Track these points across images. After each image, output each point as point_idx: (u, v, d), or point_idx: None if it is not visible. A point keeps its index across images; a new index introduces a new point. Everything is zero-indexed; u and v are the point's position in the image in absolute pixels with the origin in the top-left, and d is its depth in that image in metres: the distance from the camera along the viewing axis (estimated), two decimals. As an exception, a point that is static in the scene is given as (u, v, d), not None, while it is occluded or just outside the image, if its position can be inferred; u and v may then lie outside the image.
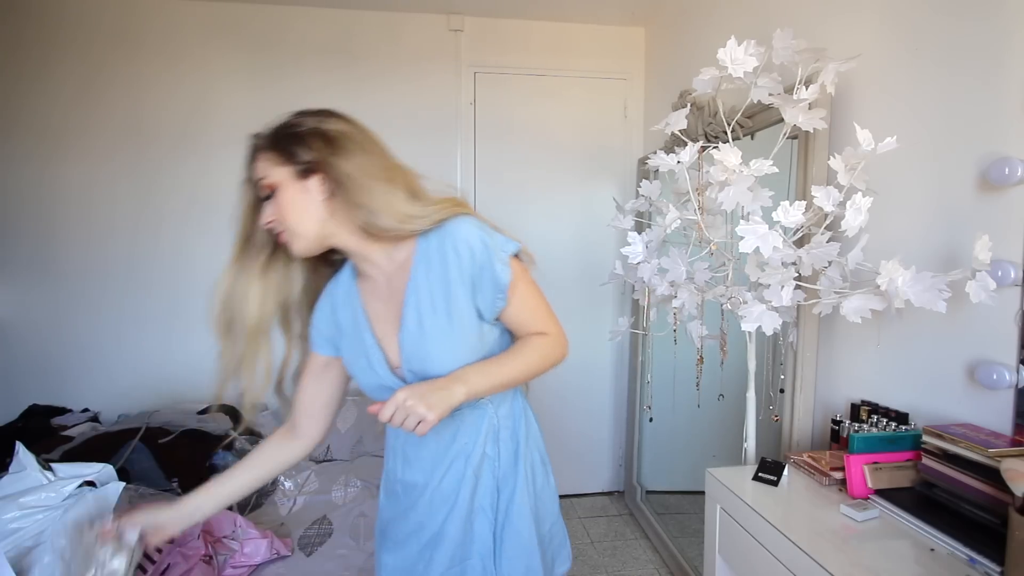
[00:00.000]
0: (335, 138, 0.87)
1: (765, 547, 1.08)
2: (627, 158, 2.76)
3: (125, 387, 2.54)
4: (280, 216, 0.88)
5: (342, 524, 1.76)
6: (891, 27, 1.32)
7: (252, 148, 0.90)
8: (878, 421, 1.25)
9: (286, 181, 0.87)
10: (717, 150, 1.21)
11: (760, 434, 1.48)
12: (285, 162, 0.87)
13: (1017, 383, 1.01)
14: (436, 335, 0.88)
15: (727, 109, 1.47)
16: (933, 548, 0.96)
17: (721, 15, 2.10)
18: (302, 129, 0.88)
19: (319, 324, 1.00)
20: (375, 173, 0.88)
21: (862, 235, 1.14)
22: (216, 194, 2.56)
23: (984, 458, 0.94)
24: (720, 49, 1.21)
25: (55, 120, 2.45)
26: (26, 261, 2.47)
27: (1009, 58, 1.05)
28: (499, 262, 0.88)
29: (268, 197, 0.89)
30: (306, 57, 2.58)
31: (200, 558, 1.38)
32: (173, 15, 2.50)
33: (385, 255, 0.93)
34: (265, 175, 0.88)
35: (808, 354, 1.49)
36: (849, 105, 1.41)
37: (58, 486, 1.30)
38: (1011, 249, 1.02)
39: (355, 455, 2.27)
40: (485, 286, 0.88)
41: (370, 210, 0.86)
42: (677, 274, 1.49)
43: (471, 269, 0.88)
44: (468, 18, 2.66)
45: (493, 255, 0.88)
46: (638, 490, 2.65)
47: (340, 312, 0.98)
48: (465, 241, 0.87)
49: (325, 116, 0.90)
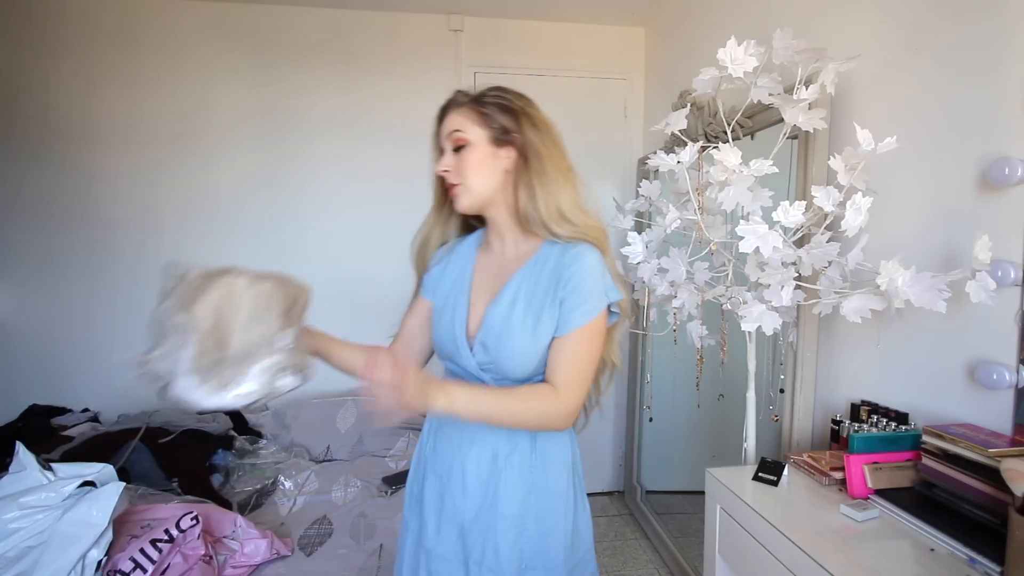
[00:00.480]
0: (538, 123, 0.97)
1: (765, 547, 1.08)
2: (627, 158, 2.76)
3: (125, 387, 2.53)
4: (460, 170, 0.95)
5: (342, 524, 1.76)
6: (891, 27, 1.32)
7: (451, 102, 0.98)
8: (878, 421, 1.25)
9: (480, 142, 0.95)
10: (717, 150, 1.21)
11: (760, 434, 1.48)
12: (485, 125, 0.95)
13: (1017, 383, 1.01)
14: (517, 325, 0.93)
15: (727, 109, 1.47)
16: (933, 548, 0.96)
17: (721, 15, 2.10)
18: (510, 104, 0.96)
19: (433, 273, 1.08)
20: (558, 167, 0.96)
21: (862, 235, 1.14)
22: (216, 193, 2.56)
23: (984, 458, 0.94)
24: (720, 49, 1.20)
25: (55, 120, 2.45)
26: (26, 261, 2.47)
27: (1009, 58, 1.05)
28: (592, 305, 0.92)
29: (456, 149, 0.96)
30: (306, 57, 2.58)
31: (200, 558, 1.38)
32: (173, 15, 2.50)
33: (515, 241, 1.01)
34: (460, 128, 0.95)
35: (808, 354, 1.48)
36: (849, 105, 1.41)
37: (58, 486, 1.30)
38: (1011, 249, 1.02)
39: (355, 455, 2.27)
40: (566, 309, 0.92)
41: (538, 196, 0.94)
42: (677, 274, 1.49)
43: (567, 292, 0.92)
44: (468, 18, 2.66)
45: (594, 297, 0.92)
46: (638, 490, 2.65)
47: (449, 268, 1.06)
48: (582, 270, 0.93)
49: (529, 101, 1.00)
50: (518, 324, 0.93)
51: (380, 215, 2.61)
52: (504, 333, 0.93)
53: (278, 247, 2.62)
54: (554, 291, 0.93)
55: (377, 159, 2.65)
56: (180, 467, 1.92)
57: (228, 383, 0.75)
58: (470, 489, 0.98)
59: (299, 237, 2.63)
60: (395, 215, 2.11)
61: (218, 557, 1.45)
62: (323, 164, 2.62)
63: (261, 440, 2.28)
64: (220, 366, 0.75)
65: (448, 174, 0.96)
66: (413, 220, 1.12)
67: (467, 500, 0.98)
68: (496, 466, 0.97)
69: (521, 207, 0.96)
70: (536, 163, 0.95)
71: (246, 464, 2.10)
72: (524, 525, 0.97)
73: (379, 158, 2.64)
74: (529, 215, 0.95)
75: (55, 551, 1.20)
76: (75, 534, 1.22)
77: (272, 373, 0.77)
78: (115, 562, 1.27)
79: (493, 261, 1.03)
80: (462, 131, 0.95)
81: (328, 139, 2.62)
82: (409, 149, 2.67)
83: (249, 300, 0.80)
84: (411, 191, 2.70)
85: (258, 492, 1.96)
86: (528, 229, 0.98)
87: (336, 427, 2.35)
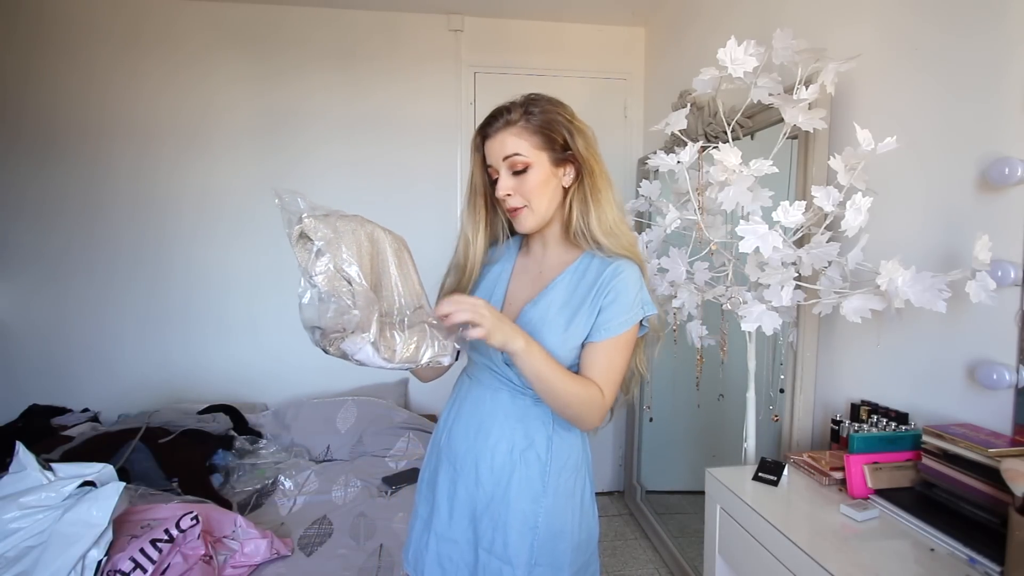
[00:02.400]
0: (587, 136, 0.97)
1: (765, 547, 1.08)
2: (627, 158, 2.76)
3: (125, 387, 2.54)
4: (525, 193, 0.95)
5: (342, 524, 1.76)
6: (891, 27, 1.32)
7: (504, 121, 0.95)
8: (878, 421, 1.25)
9: (542, 163, 0.95)
10: (717, 150, 1.21)
11: (760, 434, 1.48)
12: (545, 146, 0.95)
13: (1017, 383, 1.01)
14: (552, 328, 0.96)
15: (727, 109, 1.47)
16: (933, 548, 0.96)
17: (721, 15, 2.10)
18: (562, 119, 0.96)
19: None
20: (606, 179, 0.98)
21: (862, 235, 1.14)
22: (216, 194, 2.56)
23: (984, 458, 0.94)
24: (720, 49, 1.21)
25: (56, 120, 2.45)
26: (27, 261, 2.47)
27: (1009, 58, 1.05)
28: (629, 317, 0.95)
29: (519, 172, 0.95)
30: (307, 57, 2.58)
31: (200, 558, 1.38)
32: (174, 15, 2.50)
33: (557, 251, 1.04)
34: (520, 152, 0.94)
35: (808, 354, 1.49)
36: (849, 105, 1.41)
37: (58, 486, 1.30)
38: (1011, 249, 1.02)
39: (355, 455, 2.27)
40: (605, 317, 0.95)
41: (591, 212, 0.96)
42: (677, 274, 1.49)
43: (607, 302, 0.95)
44: (468, 18, 2.66)
45: (632, 310, 0.95)
46: (638, 490, 2.65)
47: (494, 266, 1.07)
48: (624, 283, 0.95)
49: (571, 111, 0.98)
50: (551, 324, 0.96)
51: (380, 215, 2.59)
52: (538, 331, 0.95)
53: (278, 246, 2.61)
54: (592, 299, 0.96)
55: (377, 159, 2.65)
56: (180, 467, 1.92)
57: (397, 350, 0.77)
58: (483, 480, 1.00)
59: (299, 237, 2.63)
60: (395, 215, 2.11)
61: (218, 557, 1.45)
62: (323, 164, 2.62)
63: (261, 440, 2.28)
64: (388, 329, 0.77)
65: (510, 198, 0.96)
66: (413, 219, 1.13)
67: (480, 490, 1.00)
68: (511, 459, 0.99)
69: (573, 222, 0.98)
70: (589, 180, 0.97)
71: (246, 464, 2.10)
72: (535, 524, 0.98)
73: (379, 158, 2.65)
74: (580, 230, 0.98)
75: (55, 551, 1.20)
76: (75, 534, 1.22)
77: (434, 349, 0.80)
78: (115, 562, 1.27)
79: (533, 265, 1.06)
80: (523, 155, 0.94)
81: (328, 139, 2.62)
82: (409, 149, 2.67)
83: (392, 254, 0.82)
84: (412, 191, 2.72)
85: (258, 492, 1.96)
86: (572, 240, 1.01)
87: (336, 427, 2.35)
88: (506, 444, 0.99)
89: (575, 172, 0.98)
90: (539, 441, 1.00)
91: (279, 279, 2.60)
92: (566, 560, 1.00)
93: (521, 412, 1.00)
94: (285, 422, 2.39)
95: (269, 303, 2.61)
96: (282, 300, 2.62)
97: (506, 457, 0.99)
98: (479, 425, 1.02)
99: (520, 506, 0.98)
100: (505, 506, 0.98)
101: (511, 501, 0.98)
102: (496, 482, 0.99)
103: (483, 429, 1.01)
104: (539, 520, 0.99)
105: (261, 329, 2.62)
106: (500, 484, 0.99)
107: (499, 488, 0.99)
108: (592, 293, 0.96)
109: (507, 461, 0.99)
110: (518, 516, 0.98)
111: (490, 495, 0.99)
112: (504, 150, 0.94)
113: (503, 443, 0.99)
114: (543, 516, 0.99)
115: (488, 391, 1.03)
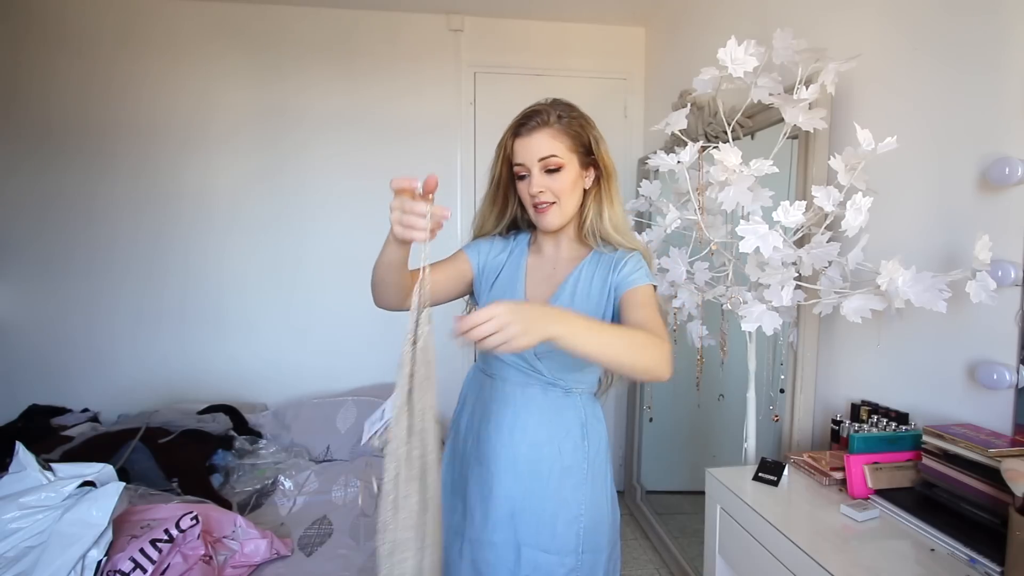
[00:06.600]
0: (603, 142, 1.04)
1: (765, 547, 1.08)
2: (627, 158, 2.75)
3: (125, 387, 2.54)
4: (557, 192, 1.01)
5: (342, 524, 1.76)
6: (891, 27, 1.32)
7: (538, 122, 0.99)
8: (878, 421, 1.25)
9: (572, 165, 1.01)
10: (717, 150, 1.21)
11: (760, 434, 1.48)
12: (576, 149, 1.01)
13: (1017, 383, 1.01)
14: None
15: (727, 109, 1.47)
16: (933, 548, 0.96)
17: (721, 15, 2.10)
18: (587, 125, 1.03)
19: (483, 246, 1.12)
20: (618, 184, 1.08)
21: (862, 235, 1.14)
22: (215, 193, 2.56)
23: (984, 458, 0.94)
24: (720, 49, 1.20)
25: (56, 120, 2.45)
26: (26, 261, 2.47)
27: (1009, 58, 1.05)
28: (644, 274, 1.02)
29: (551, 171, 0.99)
30: (306, 57, 2.58)
31: (200, 558, 1.38)
32: (174, 15, 2.49)
33: (569, 248, 1.09)
34: (556, 153, 0.99)
35: (808, 354, 1.48)
36: (849, 105, 1.41)
37: (58, 486, 1.30)
38: (1011, 249, 1.02)
39: (355, 455, 2.27)
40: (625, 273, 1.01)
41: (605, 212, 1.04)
42: (677, 274, 1.49)
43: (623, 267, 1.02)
44: (468, 18, 2.66)
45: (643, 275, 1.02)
46: (638, 490, 2.65)
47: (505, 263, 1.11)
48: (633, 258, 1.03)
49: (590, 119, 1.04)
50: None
51: (380, 215, 2.60)
52: None
53: (278, 246, 2.62)
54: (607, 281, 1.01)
55: (377, 159, 2.65)
56: (180, 467, 1.92)
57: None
58: (522, 475, 1.01)
59: (299, 236, 2.63)
60: (395, 215, 2.11)
61: (218, 557, 1.45)
62: (323, 164, 2.62)
63: (261, 440, 2.28)
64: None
65: (542, 193, 1.01)
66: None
67: (518, 485, 1.01)
68: (550, 451, 1.01)
69: (588, 222, 1.05)
70: (607, 183, 1.05)
71: (246, 464, 2.10)
72: (580, 511, 1.01)
73: (379, 157, 2.64)
74: (593, 229, 1.05)
75: (55, 551, 1.20)
76: (75, 534, 1.22)
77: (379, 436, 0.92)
78: (115, 562, 1.26)
79: (545, 262, 1.10)
80: (558, 156, 0.99)
81: (328, 139, 2.62)
82: (409, 149, 2.67)
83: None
84: (411, 191, 2.71)
85: (258, 492, 1.96)
86: (582, 240, 1.07)
87: (336, 427, 2.35)
88: (544, 436, 1.01)
89: (595, 175, 1.05)
90: (575, 430, 1.03)
91: (280, 279, 2.59)
92: (604, 542, 1.04)
93: (554, 403, 1.03)
94: (285, 422, 2.39)
95: (269, 303, 2.61)
96: (282, 300, 2.63)
97: (545, 449, 1.01)
98: (513, 422, 1.03)
99: (563, 495, 1.00)
100: (548, 498, 1.00)
101: (554, 492, 1.00)
102: (536, 475, 1.01)
103: (518, 425, 1.02)
104: (583, 508, 1.01)
105: (261, 329, 2.62)
106: (540, 477, 1.01)
107: (539, 481, 1.00)
108: (608, 276, 1.02)
109: (546, 453, 1.01)
110: (563, 506, 1.00)
111: (530, 490, 1.01)
112: (540, 151, 0.99)
113: (541, 435, 1.01)
114: (586, 503, 1.02)
115: (517, 387, 1.04)
